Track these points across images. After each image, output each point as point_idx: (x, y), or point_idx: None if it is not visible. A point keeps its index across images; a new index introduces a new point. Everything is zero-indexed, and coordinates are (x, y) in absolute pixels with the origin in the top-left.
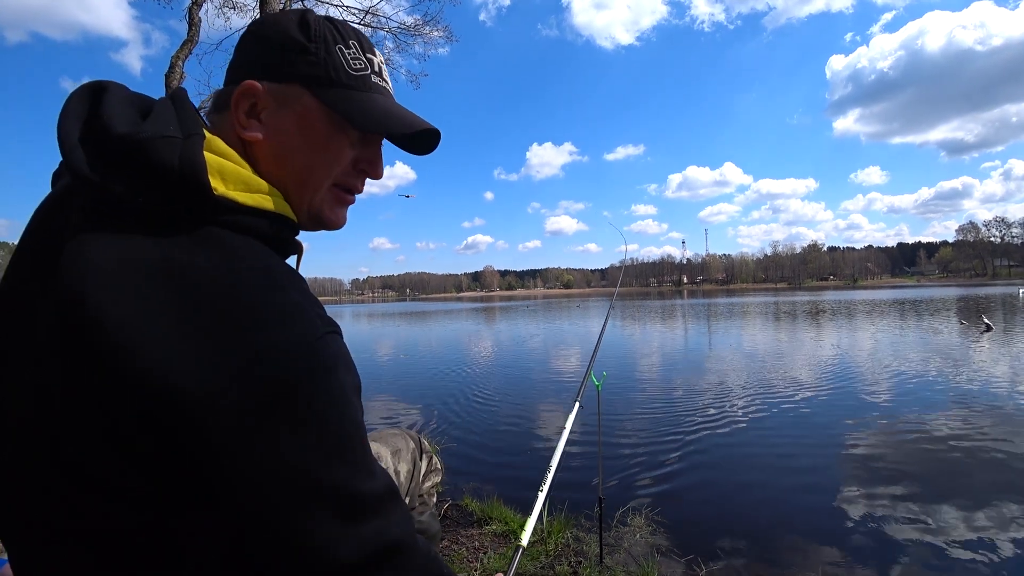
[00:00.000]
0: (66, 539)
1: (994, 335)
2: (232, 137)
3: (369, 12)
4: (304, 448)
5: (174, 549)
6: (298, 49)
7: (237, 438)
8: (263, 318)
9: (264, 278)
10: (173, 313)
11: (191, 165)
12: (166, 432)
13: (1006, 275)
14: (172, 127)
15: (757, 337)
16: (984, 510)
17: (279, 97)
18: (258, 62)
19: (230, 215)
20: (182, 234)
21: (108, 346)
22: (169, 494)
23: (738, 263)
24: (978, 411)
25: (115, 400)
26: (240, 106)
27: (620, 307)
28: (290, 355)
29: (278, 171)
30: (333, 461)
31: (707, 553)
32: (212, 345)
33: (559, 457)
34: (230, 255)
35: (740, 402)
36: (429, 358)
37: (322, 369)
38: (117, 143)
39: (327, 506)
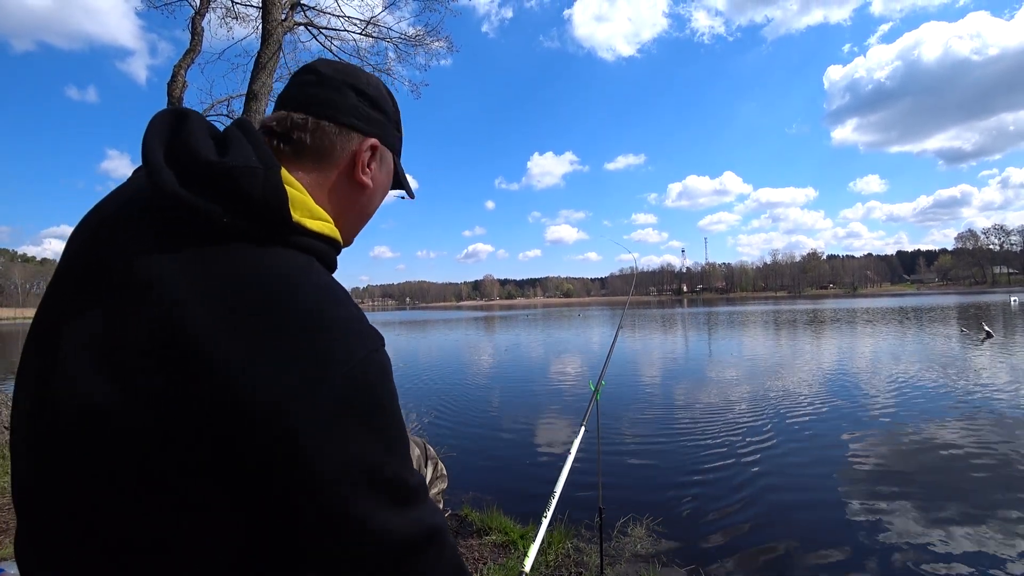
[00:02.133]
0: (121, 545)
1: (994, 342)
2: (333, 169)
3: (371, 23)
4: (370, 443)
5: (233, 550)
6: (396, 125)
7: (316, 435)
8: (335, 330)
9: (331, 294)
10: (261, 324)
11: (276, 195)
12: (251, 430)
13: (1006, 282)
14: (253, 159)
15: (758, 346)
16: (986, 515)
17: (383, 156)
18: (376, 124)
19: (298, 237)
20: (261, 253)
21: (204, 353)
22: (244, 490)
23: (738, 272)
24: (981, 418)
25: (209, 402)
26: (365, 155)
27: (620, 316)
28: (359, 363)
29: (360, 211)
30: (392, 455)
31: (708, 562)
32: (294, 354)
33: (563, 484)
34: (301, 273)
35: (741, 411)
36: (428, 367)
37: (382, 374)
38: (206, 168)
39: (386, 493)
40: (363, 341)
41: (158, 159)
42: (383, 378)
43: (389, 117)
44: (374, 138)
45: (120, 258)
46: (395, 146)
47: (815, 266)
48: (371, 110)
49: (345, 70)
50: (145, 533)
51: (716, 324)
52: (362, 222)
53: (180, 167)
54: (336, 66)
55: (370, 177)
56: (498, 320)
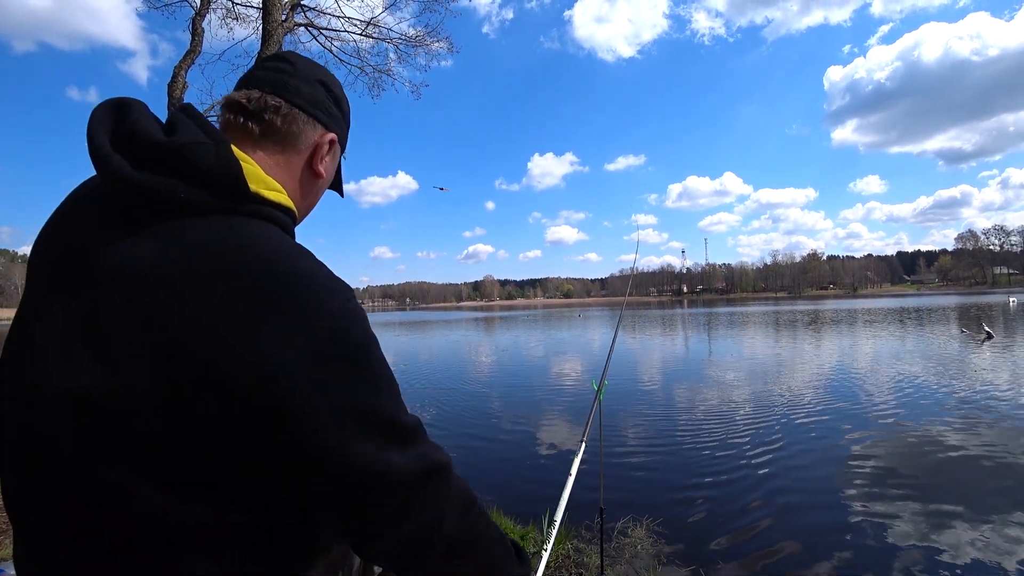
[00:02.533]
0: (124, 539)
1: (995, 343)
2: (293, 155)
3: (371, 23)
4: (359, 388)
5: (244, 526)
6: (347, 125)
7: (307, 389)
8: (308, 286)
9: (298, 254)
10: (237, 293)
11: (229, 167)
12: (247, 397)
13: (1006, 283)
14: (201, 135)
15: (759, 347)
16: (988, 517)
17: (334, 149)
18: (334, 119)
19: (258, 207)
20: (224, 224)
21: (186, 329)
22: (246, 440)
23: (738, 272)
24: (982, 420)
25: (202, 377)
26: (325, 147)
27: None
28: (336, 314)
29: (312, 200)
30: (382, 396)
31: (709, 563)
32: (275, 315)
33: (564, 508)
34: (267, 239)
35: (742, 412)
36: (428, 367)
37: (359, 321)
38: (156, 149)
39: (382, 435)
40: (335, 293)
41: (105, 147)
42: (361, 324)
43: (345, 118)
44: (334, 133)
45: (87, 249)
46: (344, 145)
47: (815, 267)
48: (334, 107)
49: (316, 66)
50: (150, 522)
51: (716, 325)
52: (309, 210)
53: (129, 152)
54: (307, 61)
55: (324, 168)
56: (498, 321)
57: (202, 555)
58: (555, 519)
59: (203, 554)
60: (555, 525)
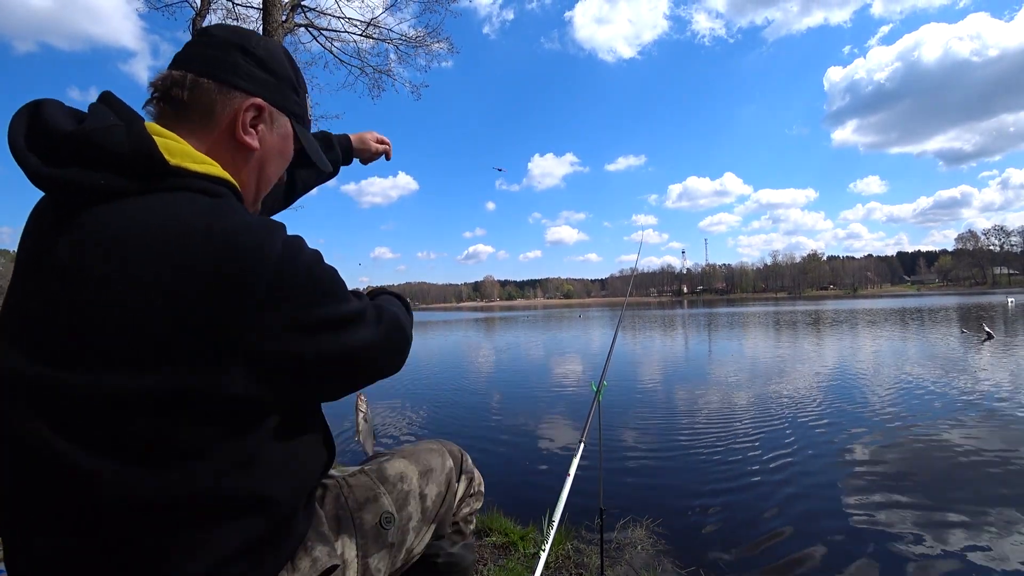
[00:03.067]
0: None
1: (995, 343)
2: (225, 136)
3: (371, 24)
4: (308, 308)
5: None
6: (293, 90)
7: (266, 332)
8: (248, 237)
9: (226, 206)
10: (166, 269)
11: (143, 144)
12: (214, 355)
13: (1006, 283)
14: (112, 119)
15: (759, 347)
16: (989, 519)
17: (275, 119)
18: (266, 86)
19: (186, 179)
20: (143, 204)
21: (141, 311)
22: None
23: (738, 273)
24: (983, 421)
25: (169, 346)
26: (247, 115)
27: (619, 319)
28: (279, 257)
29: (253, 172)
30: (325, 303)
31: (709, 564)
32: (222, 275)
33: (562, 508)
34: (188, 209)
35: (742, 412)
36: (428, 367)
37: (299, 251)
38: (67, 140)
39: (325, 330)
40: (272, 235)
41: (21, 147)
42: (300, 253)
43: (281, 79)
44: (258, 98)
45: (33, 245)
46: (293, 111)
47: (815, 267)
48: (257, 70)
49: (237, 31)
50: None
51: (716, 325)
52: (260, 187)
53: (44, 148)
54: (231, 28)
55: (256, 139)
56: (498, 321)
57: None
58: (554, 519)
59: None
60: (554, 525)
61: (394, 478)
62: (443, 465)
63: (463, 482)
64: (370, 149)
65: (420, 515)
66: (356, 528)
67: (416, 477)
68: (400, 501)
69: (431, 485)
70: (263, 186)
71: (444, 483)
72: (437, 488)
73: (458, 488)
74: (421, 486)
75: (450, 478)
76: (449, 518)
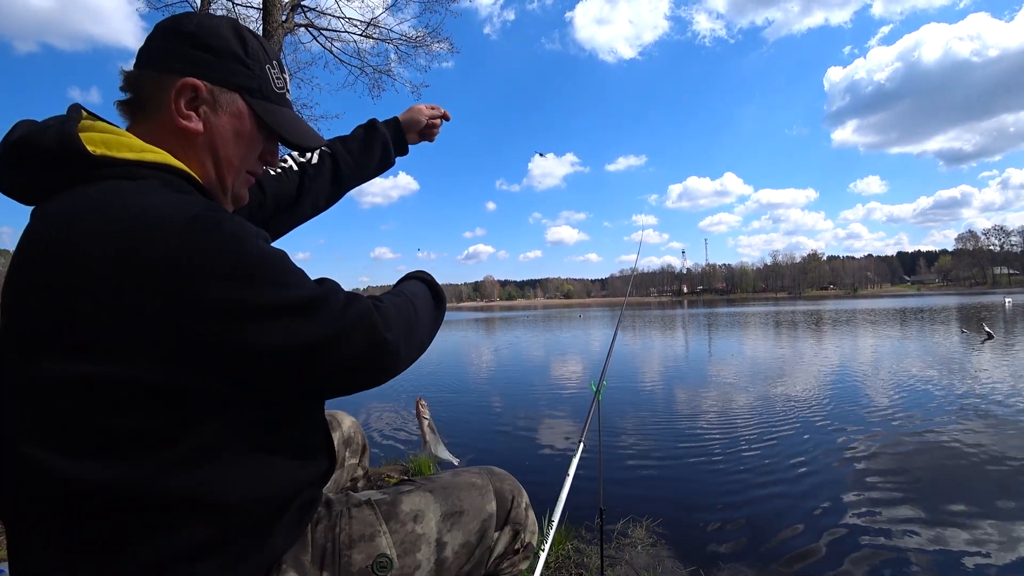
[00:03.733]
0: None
1: (995, 343)
2: (166, 123)
3: (371, 24)
4: (233, 289)
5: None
6: (239, 62)
7: (194, 311)
8: (151, 210)
9: (141, 188)
10: (113, 251)
11: (65, 138)
12: (146, 332)
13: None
14: (52, 122)
15: (759, 347)
16: (989, 519)
17: (218, 98)
18: (201, 64)
19: (106, 168)
20: (65, 199)
21: (86, 291)
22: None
23: (738, 273)
24: (983, 421)
25: (108, 323)
26: (181, 98)
27: (618, 317)
28: (191, 233)
29: (206, 157)
30: (256, 283)
31: (710, 564)
32: (142, 255)
33: (562, 508)
34: (106, 191)
35: (743, 412)
36: (427, 367)
37: (210, 224)
38: (10, 148)
39: (257, 315)
40: (181, 210)
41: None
42: (217, 229)
43: (221, 53)
44: (189, 78)
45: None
46: (244, 85)
47: (815, 267)
48: (192, 50)
49: (173, 17)
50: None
51: (717, 325)
52: (221, 172)
53: (5, 161)
54: (171, 16)
55: (199, 121)
56: (498, 322)
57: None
58: (554, 519)
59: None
60: (554, 525)
61: (406, 516)
62: (480, 508)
63: (505, 535)
64: (421, 122)
65: (432, 567)
66: (340, 567)
67: (437, 519)
68: (406, 544)
69: (455, 531)
70: (225, 171)
71: (476, 533)
72: (464, 537)
73: (496, 541)
74: (441, 531)
75: (486, 527)
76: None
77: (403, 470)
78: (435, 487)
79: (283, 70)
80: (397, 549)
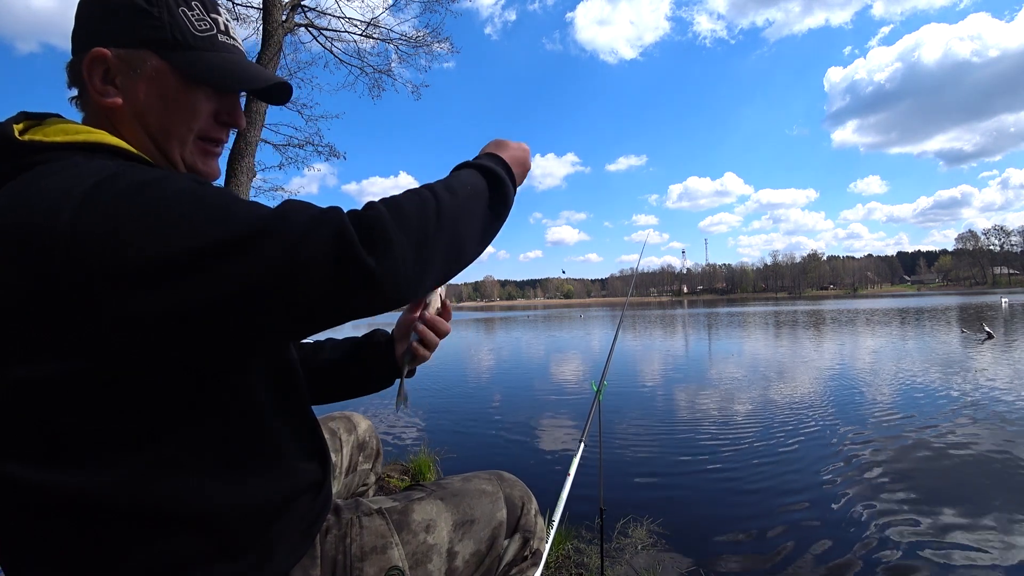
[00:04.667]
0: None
1: (995, 343)
2: (94, 105)
3: (371, 24)
4: (127, 238)
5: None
6: (140, 13)
7: (80, 268)
8: (51, 179)
9: (53, 167)
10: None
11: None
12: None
13: (1006, 283)
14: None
15: (759, 347)
16: (989, 519)
17: (129, 62)
18: (103, 29)
19: (36, 154)
20: (16, 177)
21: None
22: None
23: (738, 273)
24: (983, 421)
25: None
26: (94, 74)
27: (620, 318)
28: (69, 192)
29: (139, 131)
30: (172, 237)
31: (710, 563)
32: (18, 226)
33: (563, 508)
34: (37, 175)
35: (743, 412)
36: (427, 367)
37: (110, 182)
38: None
39: (174, 270)
40: (86, 180)
41: None
42: (116, 182)
43: (119, 13)
44: (94, 49)
45: None
46: (150, 37)
47: (815, 267)
48: (92, 19)
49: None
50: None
51: (717, 325)
52: (162, 143)
53: None
54: None
55: (118, 93)
56: (498, 322)
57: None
58: (554, 519)
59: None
60: (554, 525)
61: (418, 525)
62: (491, 516)
63: (515, 542)
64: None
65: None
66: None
67: (448, 528)
68: (418, 555)
69: (466, 541)
70: (165, 142)
71: (487, 541)
72: (475, 546)
73: (506, 550)
74: (452, 540)
75: (496, 535)
76: None
77: (403, 470)
78: (446, 494)
79: (209, 8)
80: (409, 561)
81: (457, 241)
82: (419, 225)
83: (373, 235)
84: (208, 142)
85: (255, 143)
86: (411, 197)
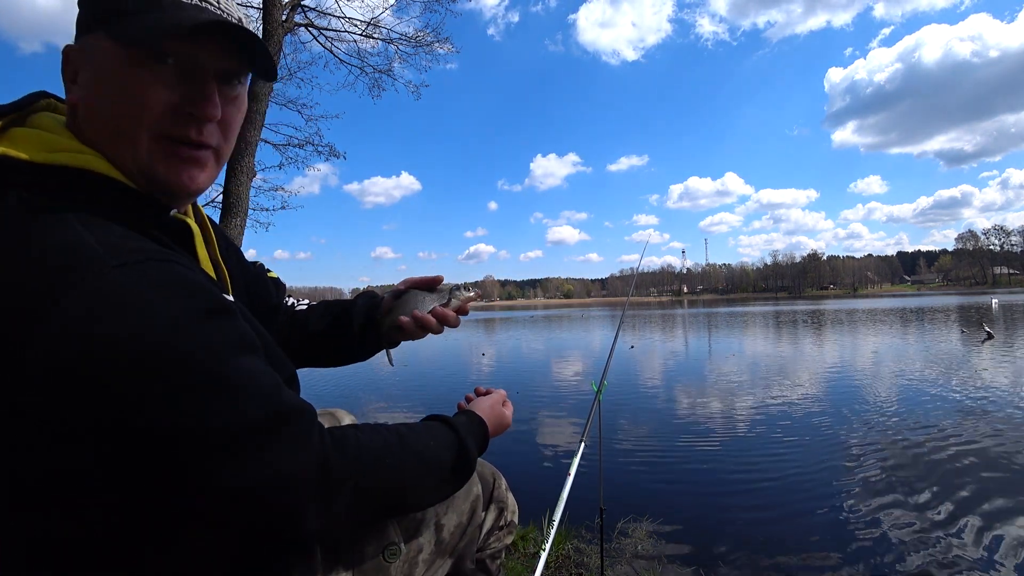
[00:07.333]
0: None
1: (995, 343)
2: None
3: (371, 24)
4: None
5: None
6: (105, 3)
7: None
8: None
9: (13, 219)
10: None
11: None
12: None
13: (1006, 283)
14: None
15: (759, 347)
16: (989, 518)
17: (84, 50)
18: (79, 23)
19: (13, 175)
20: None
21: None
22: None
23: (738, 273)
24: (983, 420)
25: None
26: (66, 75)
27: (620, 317)
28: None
29: (92, 130)
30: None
31: (710, 563)
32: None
33: (563, 508)
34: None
35: (743, 412)
36: (427, 367)
37: (127, 297)
38: None
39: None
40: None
41: None
42: (134, 298)
43: (85, 1)
44: (69, 45)
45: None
46: (97, 16)
47: (816, 267)
48: (88, 19)
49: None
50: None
51: (717, 325)
52: (119, 146)
53: None
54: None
55: (79, 93)
56: (498, 322)
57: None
58: (554, 519)
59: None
60: (554, 525)
61: None
62: (468, 490)
63: (492, 512)
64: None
65: (434, 547)
66: (354, 560)
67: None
68: (410, 530)
69: (450, 513)
70: (116, 143)
71: (467, 512)
72: (457, 518)
73: (485, 519)
74: (438, 514)
75: (475, 507)
76: (472, 553)
77: None
78: None
79: None
80: (404, 535)
81: (399, 499)
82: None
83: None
84: (176, 143)
85: (255, 143)
86: (368, 455)
